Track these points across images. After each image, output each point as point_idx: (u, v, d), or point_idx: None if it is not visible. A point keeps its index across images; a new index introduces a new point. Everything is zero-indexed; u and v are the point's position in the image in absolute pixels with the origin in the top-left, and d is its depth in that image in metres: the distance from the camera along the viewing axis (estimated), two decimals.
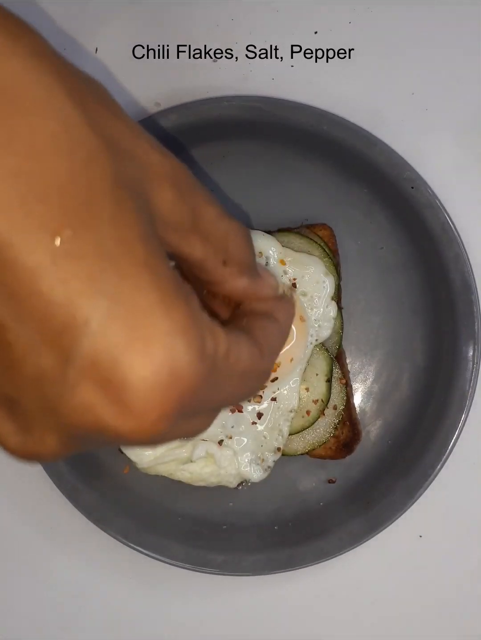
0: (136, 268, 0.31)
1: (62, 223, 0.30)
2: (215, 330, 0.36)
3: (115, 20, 0.81)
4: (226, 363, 0.37)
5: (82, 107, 0.32)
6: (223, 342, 0.36)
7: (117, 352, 0.30)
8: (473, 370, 0.76)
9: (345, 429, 0.77)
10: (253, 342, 0.41)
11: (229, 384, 0.38)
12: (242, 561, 0.75)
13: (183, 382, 0.32)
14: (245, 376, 0.39)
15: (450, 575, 0.80)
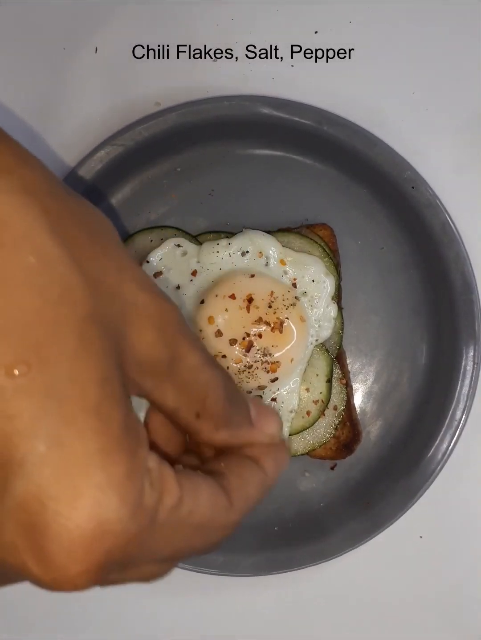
0: (84, 413, 0.31)
1: (19, 358, 0.30)
2: (165, 480, 0.35)
3: (115, 20, 0.81)
4: (174, 515, 0.35)
5: (65, 243, 0.32)
6: (173, 494, 0.35)
7: (45, 499, 0.30)
8: (473, 370, 0.76)
9: (345, 430, 0.77)
10: (221, 491, 0.39)
11: (180, 536, 0.36)
12: (242, 561, 0.75)
13: (111, 539, 0.31)
14: (202, 529, 0.38)
15: (450, 576, 0.80)
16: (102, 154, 0.76)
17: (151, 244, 0.78)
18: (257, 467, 0.43)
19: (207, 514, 0.37)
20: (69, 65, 0.81)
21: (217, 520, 0.38)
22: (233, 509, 0.39)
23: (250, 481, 0.42)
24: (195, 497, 0.37)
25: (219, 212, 0.80)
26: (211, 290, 0.74)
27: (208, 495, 0.38)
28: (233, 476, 0.41)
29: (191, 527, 0.37)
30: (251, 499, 0.41)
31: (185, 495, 0.36)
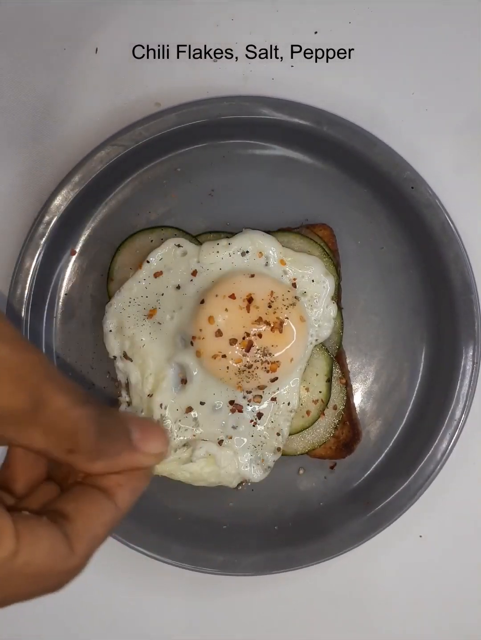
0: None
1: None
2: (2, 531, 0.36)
3: (115, 21, 0.81)
4: (7, 566, 0.36)
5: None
6: (6, 548, 0.36)
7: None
8: (472, 370, 0.76)
9: (345, 429, 0.77)
10: (63, 540, 0.40)
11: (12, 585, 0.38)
12: (242, 561, 0.75)
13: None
14: (39, 577, 0.39)
15: (450, 575, 0.80)
16: (103, 154, 0.76)
17: (151, 244, 0.78)
18: (109, 504, 0.44)
19: (45, 564, 0.39)
20: (70, 65, 0.81)
21: (56, 569, 0.39)
22: (74, 556, 0.40)
23: (98, 522, 0.43)
24: (33, 548, 0.38)
25: (219, 212, 0.80)
26: (211, 290, 0.74)
27: (48, 546, 0.39)
28: (80, 520, 0.42)
29: (26, 577, 0.38)
30: (97, 538, 0.43)
31: (22, 548, 0.37)
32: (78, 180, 0.76)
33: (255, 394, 0.74)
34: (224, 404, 0.74)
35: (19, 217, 0.80)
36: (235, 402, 0.74)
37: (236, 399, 0.74)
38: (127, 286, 0.76)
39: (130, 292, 0.76)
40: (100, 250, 0.80)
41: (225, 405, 0.74)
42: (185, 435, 0.74)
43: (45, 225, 0.76)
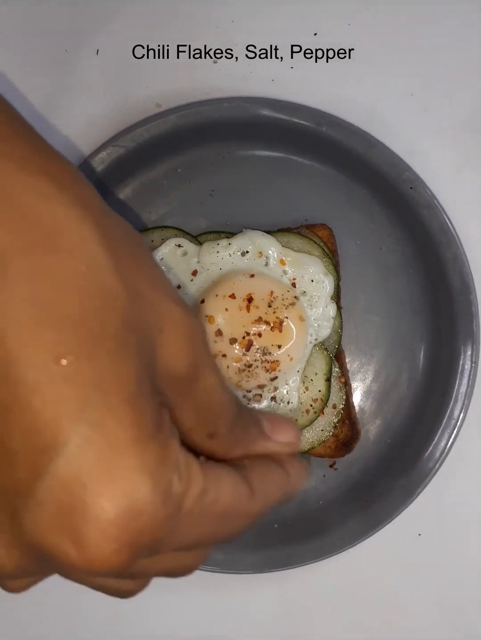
0: (123, 403, 0.33)
1: (67, 350, 0.32)
2: (192, 471, 0.37)
3: (115, 22, 0.82)
4: (199, 503, 0.37)
5: (113, 256, 0.36)
6: (198, 484, 0.37)
7: (85, 478, 0.32)
8: (471, 369, 0.76)
9: (345, 428, 0.78)
10: (243, 481, 0.41)
11: (204, 523, 0.38)
12: (241, 559, 0.76)
13: (142, 520, 0.33)
14: (225, 516, 0.39)
15: (449, 574, 0.80)
16: (103, 155, 0.76)
17: (152, 244, 0.78)
18: (280, 468, 0.45)
19: (230, 502, 0.39)
20: (70, 66, 0.81)
21: (240, 509, 0.40)
22: (255, 499, 0.41)
23: (272, 479, 0.44)
24: (218, 486, 0.38)
25: (219, 212, 0.80)
26: (211, 290, 0.74)
27: (231, 485, 0.40)
28: (255, 472, 0.42)
29: (214, 515, 0.38)
30: (272, 495, 0.43)
31: (209, 485, 0.38)
32: None
33: (255, 393, 0.74)
34: None
35: None
36: None
37: None
38: None
39: None
40: None
41: None
42: None
43: None
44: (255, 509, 0.41)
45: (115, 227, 0.38)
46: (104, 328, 0.34)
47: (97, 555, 0.33)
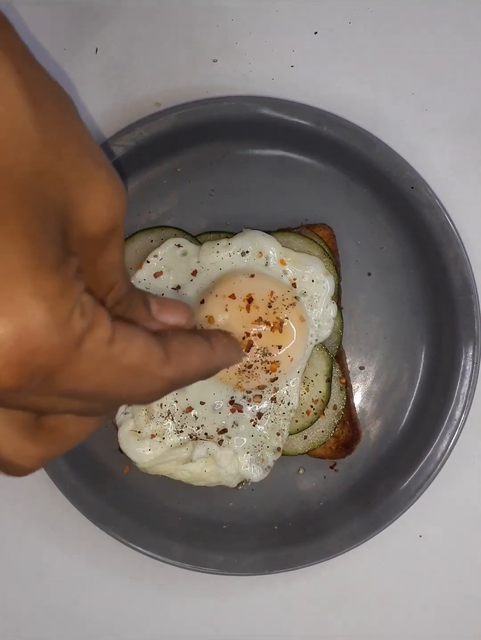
0: (23, 236, 0.34)
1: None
2: (98, 315, 0.37)
3: (115, 21, 0.81)
4: (104, 349, 0.38)
5: (34, 104, 0.35)
6: (103, 329, 0.38)
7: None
8: (472, 370, 0.76)
9: (345, 429, 0.77)
10: (158, 345, 0.41)
11: (108, 371, 0.38)
12: (242, 561, 0.75)
13: (35, 341, 0.34)
14: (133, 372, 0.40)
15: (450, 575, 0.80)
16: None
17: (151, 244, 0.78)
18: (204, 341, 0.46)
19: (140, 359, 0.40)
20: (70, 66, 0.81)
21: (150, 369, 0.41)
22: (169, 364, 0.42)
23: (194, 350, 0.44)
24: (129, 341, 0.39)
25: (219, 212, 0.80)
26: (211, 290, 0.74)
27: (143, 345, 0.40)
28: (176, 340, 0.43)
29: (121, 367, 0.39)
30: (191, 364, 0.44)
31: (119, 336, 0.38)
32: None
33: (255, 394, 0.74)
34: (224, 404, 0.74)
35: None
36: (235, 402, 0.74)
37: (236, 399, 0.74)
38: None
39: None
40: None
41: (225, 405, 0.74)
42: (185, 435, 0.74)
43: None
44: (169, 374, 0.42)
45: (40, 78, 0.38)
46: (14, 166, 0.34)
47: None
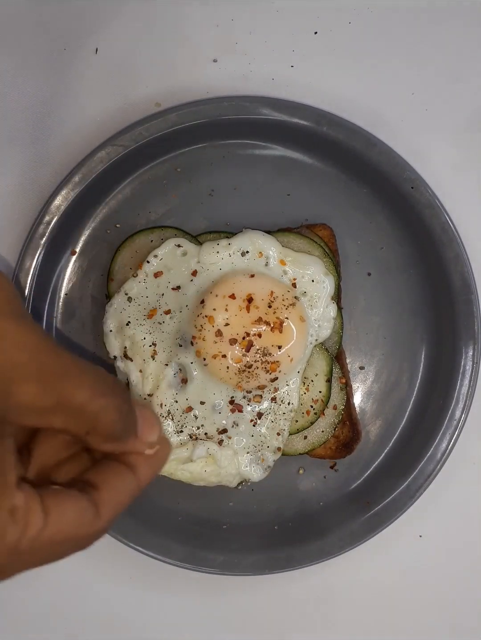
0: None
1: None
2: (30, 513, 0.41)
3: (115, 21, 0.81)
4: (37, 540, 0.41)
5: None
6: (35, 524, 0.41)
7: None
8: (472, 370, 0.76)
9: (345, 429, 0.77)
10: (89, 505, 0.45)
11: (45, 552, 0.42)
12: (242, 561, 0.75)
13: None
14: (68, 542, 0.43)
15: (449, 575, 0.80)
16: (103, 154, 0.76)
17: (151, 244, 0.78)
18: (131, 476, 0.48)
19: (73, 530, 0.43)
20: (70, 66, 0.81)
21: (82, 533, 0.44)
22: (100, 518, 0.45)
23: (123, 491, 0.47)
24: (60, 518, 0.42)
25: (219, 212, 0.80)
26: (211, 290, 0.74)
27: (75, 514, 0.43)
28: (105, 489, 0.46)
29: (55, 544, 0.42)
30: (120, 505, 0.47)
31: (51, 519, 0.41)
32: (78, 180, 0.76)
33: (255, 394, 0.74)
34: (224, 404, 0.74)
35: (19, 217, 0.80)
36: (235, 402, 0.74)
37: (236, 399, 0.74)
38: (127, 286, 0.76)
39: (130, 292, 0.76)
40: (100, 250, 0.80)
41: (225, 405, 0.74)
42: (185, 435, 0.74)
43: (45, 225, 0.76)
44: (101, 526, 0.45)
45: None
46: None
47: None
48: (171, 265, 0.77)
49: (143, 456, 0.49)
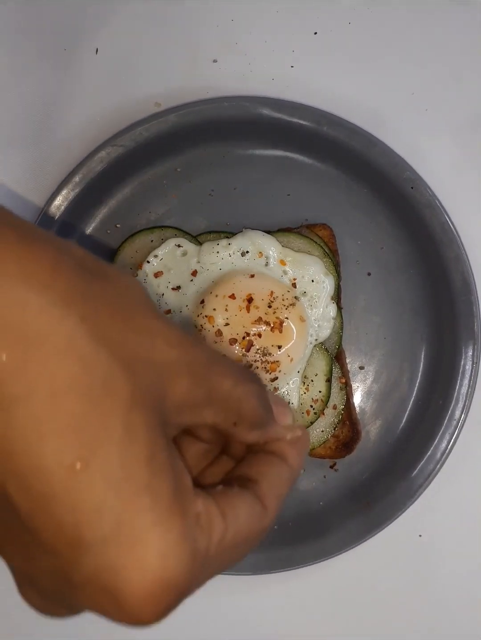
0: (137, 492, 0.35)
1: (76, 456, 0.34)
2: (212, 520, 0.39)
3: (115, 21, 0.81)
4: (222, 545, 0.40)
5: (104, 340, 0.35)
6: (218, 529, 0.39)
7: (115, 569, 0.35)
8: (472, 370, 0.76)
9: (345, 429, 0.77)
10: (256, 501, 0.43)
11: (227, 557, 0.41)
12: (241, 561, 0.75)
13: (175, 590, 0.37)
14: (245, 543, 0.42)
15: (449, 575, 0.80)
16: (103, 154, 0.76)
17: (151, 244, 0.78)
18: (284, 464, 0.46)
19: (247, 530, 0.41)
20: (70, 66, 0.81)
21: (256, 529, 0.42)
22: (268, 514, 0.43)
23: (280, 481, 0.46)
24: (236, 519, 0.41)
25: (219, 212, 0.80)
26: (211, 291, 0.74)
27: (247, 512, 0.42)
28: (265, 481, 0.44)
29: (235, 547, 0.41)
30: (282, 496, 0.45)
31: (229, 523, 0.40)
32: (78, 180, 0.76)
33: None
34: None
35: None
36: None
37: None
38: None
39: None
40: (100, 250, 0.80)
41: None
42: None
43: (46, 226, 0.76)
44: (269, 522, 0.43)
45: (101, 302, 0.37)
46: (106, 419, 0.35)
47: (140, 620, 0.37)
48: (171, 265, 0.77)
49: (287, 442, 0.47)
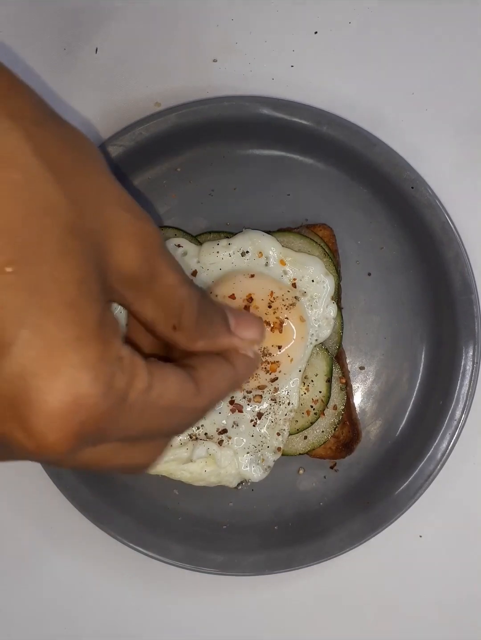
0: (62, 306, 0.36)
1: (7, 259, 0.34)
2: (136, 367, 0.40)
3: (115, 21, 0.81)
4: (144, 397, 0.40)
5: (48, 164, 0.37)
6: (142, 379, 0.40)
7: (27, 376, 0.35)
8: (472, 370, 0.76)
9: (345, 429, 0.77)
10: (189, 379, 0.44)
11: (149, 415, 0.41)
12: (242, 561, 0.75)
13: (84, 411, 0.36)
14: (171, 410, 0.42)
15: (449, 575, 0.80)
16: (103, 154, 0.76)
17: None
18: (226, 363, 0.48)
19: (175, 398, 0.42)
20: (70, 65, 0.81)
21: (185, 404, 0.43)
22: (200, 395, 0.44)
23: (219, 374, 0.47)
24: (164, 382, 0.42)
25: (219, 212, 0.80)
26: (211, 291, 0.74)
27: (177, 382, 0.43)
28: (203, 369, 0.46)
29: (160, 409, 0.41)
30: (219, 389, 0.47)
31: (155, 381, 0.41)
32: None
33: (255, 394, 0.74)
34: (224, 404, 0.74)
35: None
36: (235, 402, 0.74)
37: (236, 399, 0.74)
38: None
39: None
40: None
41: (225, 405, 0.74)
42: (185, 435, 0.74)
43: None
44: (201, 404, 0.45)
45: (54, 136, 0.39)
46: (44, 235, 0.35)
47: (44, 442, 0.36)
48: None
49: (238, 353, 0.49)
